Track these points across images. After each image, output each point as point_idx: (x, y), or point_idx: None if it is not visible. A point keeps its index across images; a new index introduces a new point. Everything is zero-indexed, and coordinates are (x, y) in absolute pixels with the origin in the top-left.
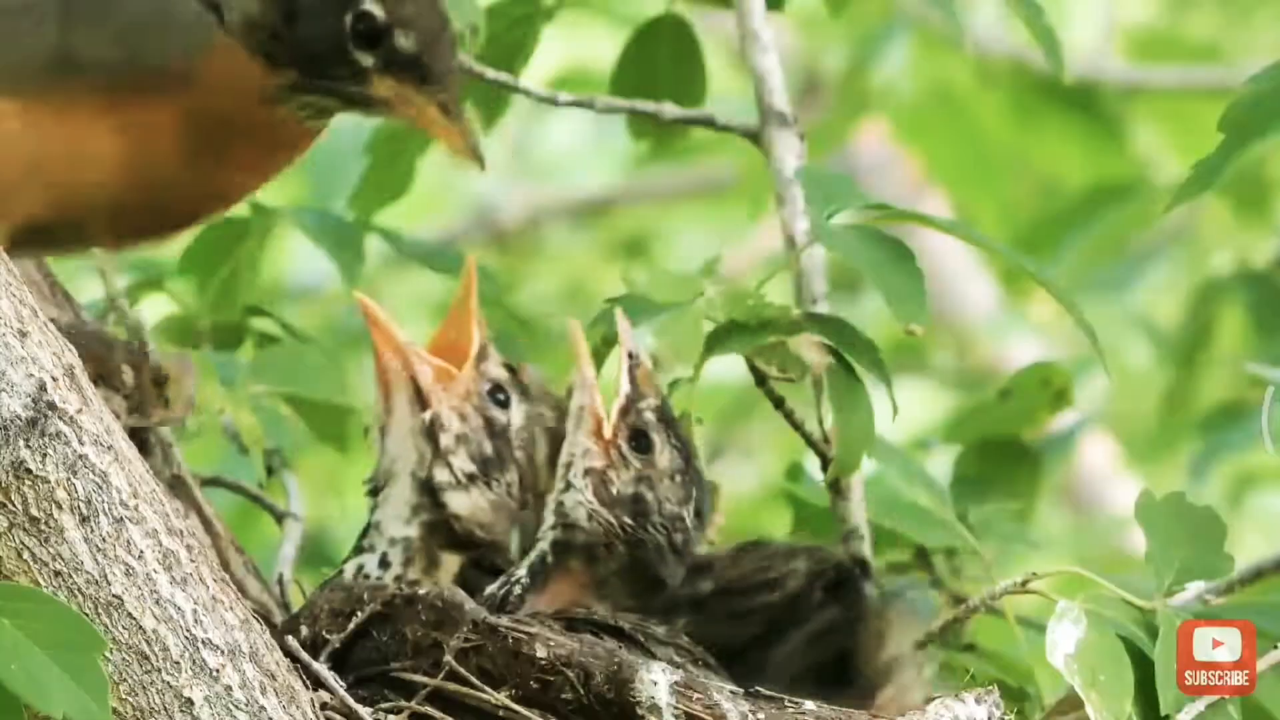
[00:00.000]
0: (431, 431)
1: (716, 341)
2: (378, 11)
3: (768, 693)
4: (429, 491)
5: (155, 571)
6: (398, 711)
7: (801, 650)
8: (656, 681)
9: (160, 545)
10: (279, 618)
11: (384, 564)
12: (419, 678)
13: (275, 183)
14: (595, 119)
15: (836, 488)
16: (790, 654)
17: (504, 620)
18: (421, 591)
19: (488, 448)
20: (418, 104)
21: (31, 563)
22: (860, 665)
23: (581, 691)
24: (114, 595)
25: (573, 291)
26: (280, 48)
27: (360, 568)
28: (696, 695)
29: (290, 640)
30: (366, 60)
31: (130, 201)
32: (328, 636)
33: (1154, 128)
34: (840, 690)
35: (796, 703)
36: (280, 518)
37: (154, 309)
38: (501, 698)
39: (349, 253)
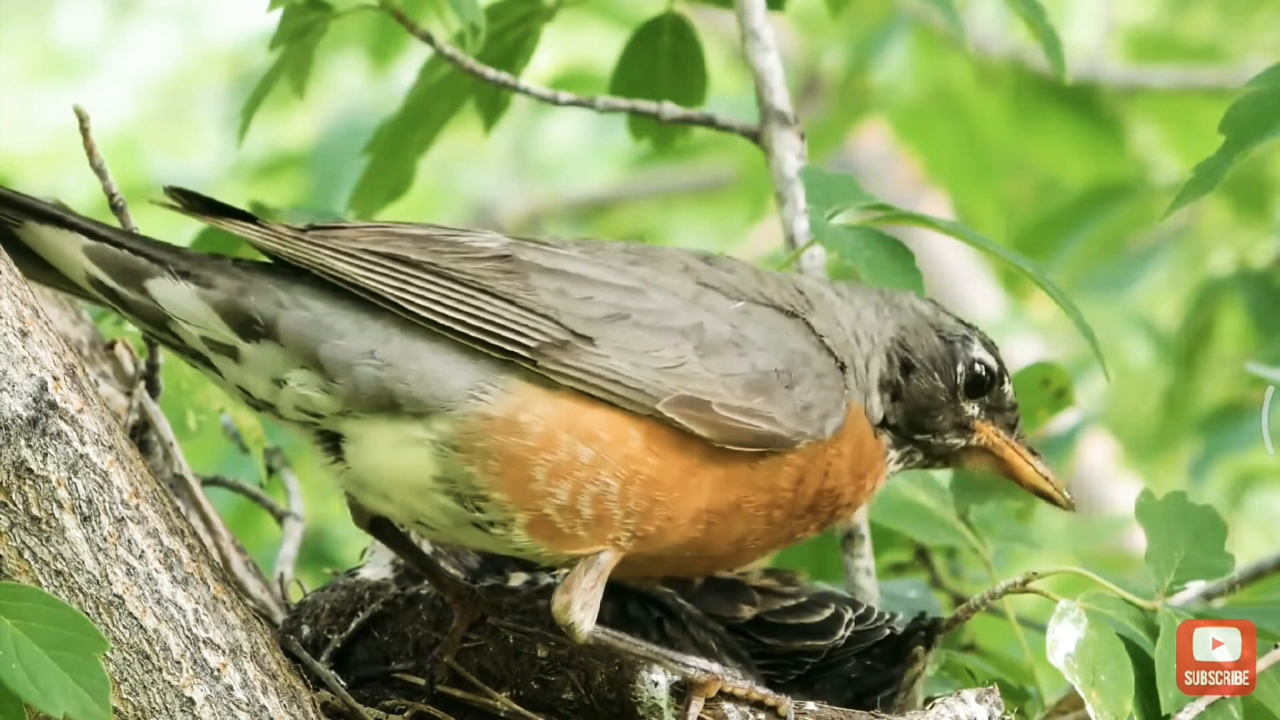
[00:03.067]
0: None
1: None
2: (990, 360)
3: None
4: None
5: (156, 571)
6: (399, 711)
7: (831, 691)
8: (658, 682)
9: (161, 545)
10: (280, 617)
11: None
12: (420, 679)
13: (275, 182)
14: (595, 119)
15: None
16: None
17: (505, 620)
18: (422, 592)
19: None
20: (1011, 448)
21: (33, 562)
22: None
23: (582, 691)
24: (115, 595)
25: None
26: (896, 408)
27: None
28: None
29: (291, 640)
30: (972, 408)
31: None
32: (329, 636)
33: (1154, 128)
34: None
35: (798, 703)
36: (281, 517)
37: None
38: (502, 698)
39: None
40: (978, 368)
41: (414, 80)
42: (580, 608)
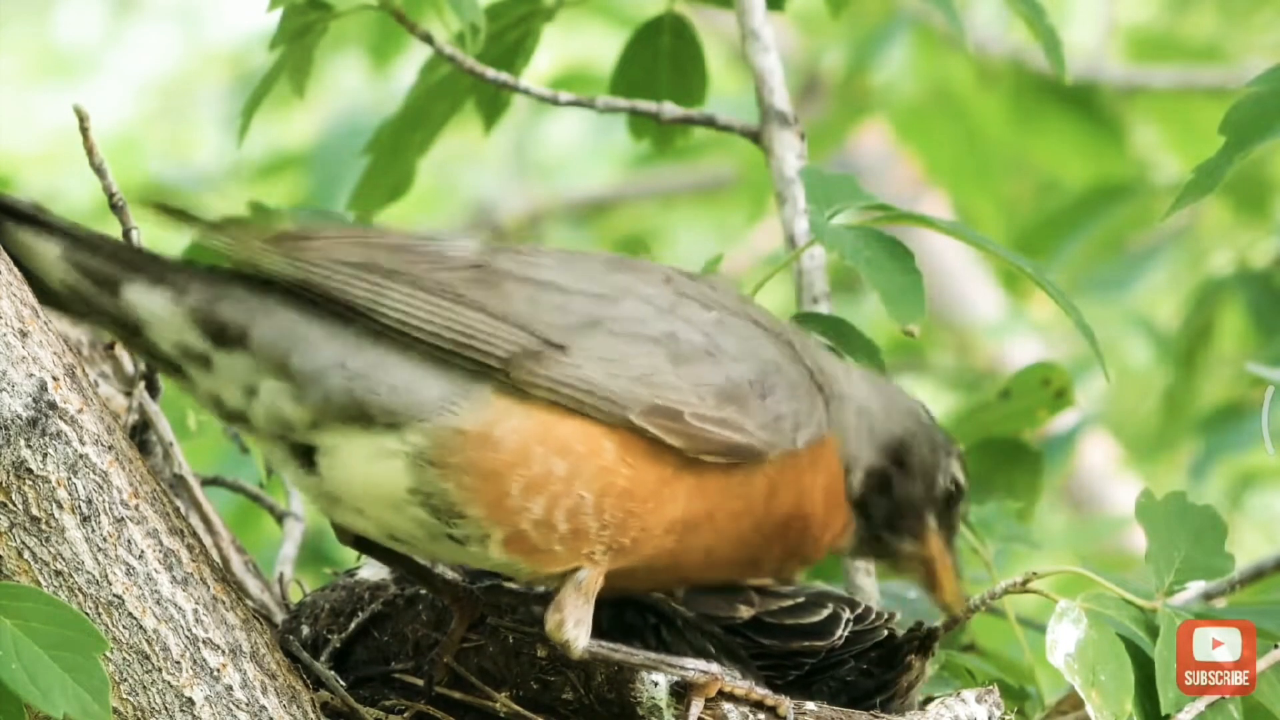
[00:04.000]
0: None
1: None
2: (962, 478)
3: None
4: None
5: (156, 571)
6: (398, 711)
7: (828, 695)
8: (657, 682)
9: (161, 545)
10: (280, 617)
11: None
12: (420, 679)
13: (275, 182)
14: (595, 119)
15: None
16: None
17: (505, 620)
18: (422, 592)
19: None
20: (942, 559)
21: (32, 562)
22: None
23: (582, 691)
24: (115, 595)
25: None
26: (879, 501)
27: None
28: None
29: (291, 640)
30: (932, 520)
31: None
32: (329, 636)
33: (1154, 128)
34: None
35: (798, 703)
36: (281, 517)
37: None
38: (502, 698)
39: None
40: (954, 485)
41: (414, 80)
42: (573, 625)
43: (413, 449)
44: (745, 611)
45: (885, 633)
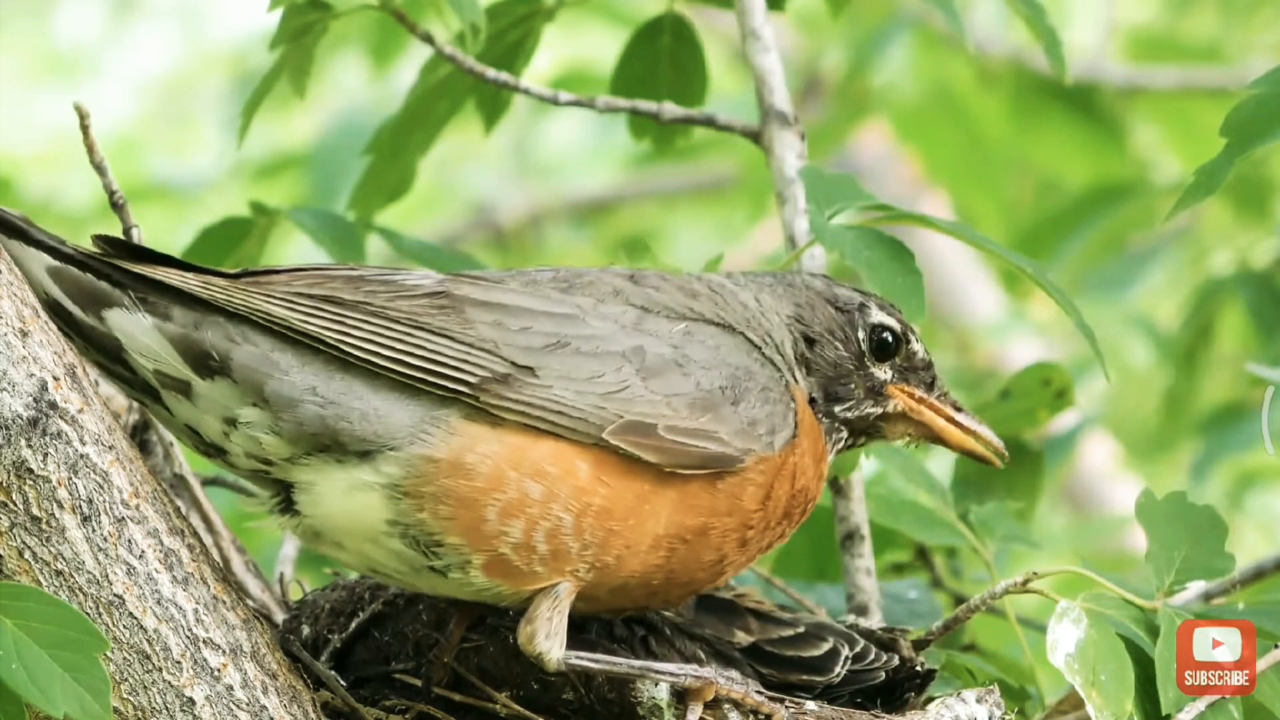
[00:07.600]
0: None
1: None
2: (890, 320)
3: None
4: None
5: (156, 571)
6: (399, 711)
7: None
8: (658, 682)
9: (162, 545)
10: (280, 617)
11: None
12: (419, 680)
13: (275, 182)
14: (595, 119)
15: (837, 486)
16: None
17: (505, 620)
18: None
19: None
20: (930, 410)
21: (33, 562)
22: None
23: (582, 692)
24: (115, 595)
25: None
26: (810, 383)
27: None
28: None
29: (291, 640)
30: (883, 373)
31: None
32: (329, 636)
33: (1154, 128)
34: None
35: (798, 702)
36: None
37: None
38: (503, 698)
39: (349, 252)
40: (881, 332)
41: (414, 80)
42: (545, 637)
43: (387, 480)
44: (743, 638)
45: (882, 675)
